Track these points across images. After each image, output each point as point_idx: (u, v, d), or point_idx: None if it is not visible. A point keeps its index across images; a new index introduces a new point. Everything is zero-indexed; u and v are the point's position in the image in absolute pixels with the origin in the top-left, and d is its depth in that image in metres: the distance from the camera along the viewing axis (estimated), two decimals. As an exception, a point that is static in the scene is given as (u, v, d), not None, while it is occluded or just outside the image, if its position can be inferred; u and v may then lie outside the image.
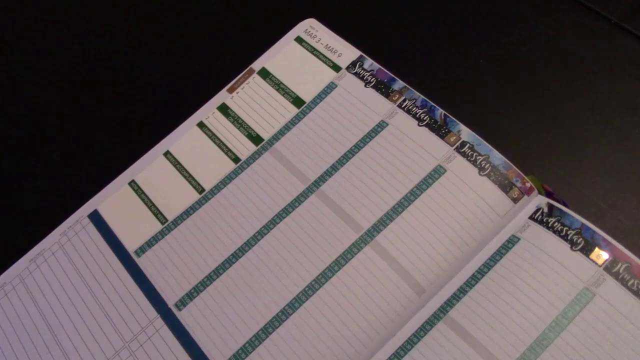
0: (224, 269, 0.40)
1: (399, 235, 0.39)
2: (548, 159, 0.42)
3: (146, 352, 0.39)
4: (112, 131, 0.49)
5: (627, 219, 0.40)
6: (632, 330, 0.34)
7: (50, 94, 0.52)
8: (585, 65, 0.44)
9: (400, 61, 0.45)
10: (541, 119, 0.43)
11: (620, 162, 0.41)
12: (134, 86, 0.51)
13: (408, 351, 0.36)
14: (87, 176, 0.47)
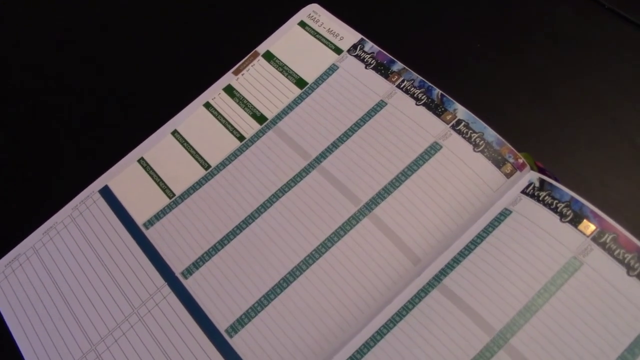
0: (229, 240, 0.42)
1: (396, 207, 0.40)
2: (541, 137, 0.43)
3: (154, 317, 0.41)
4: (122, 111, 0.51)
5: (616, 194, 0.41)
6: (618, 297, 0.36)
7: (64, 77, 0.54)
8: (578, 47, 0.46)
9: (399, 44, 0.47)
10: (535, 100, 0.45)
11: (611, 141, 0.43)
12: (144, 68, 0.53)
13: (403, 317, 0.38)
14: (98, 154, 0.49)
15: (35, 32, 0.57)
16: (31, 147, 0.51)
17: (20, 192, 0.49)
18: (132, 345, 0.40)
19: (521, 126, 0.44)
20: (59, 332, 0.41)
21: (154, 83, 0.51)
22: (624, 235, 0.37)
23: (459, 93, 0.43)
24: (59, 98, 0.53)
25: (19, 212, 0.48)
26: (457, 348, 0.36)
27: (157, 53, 0.53)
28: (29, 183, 0.49)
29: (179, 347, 0.39)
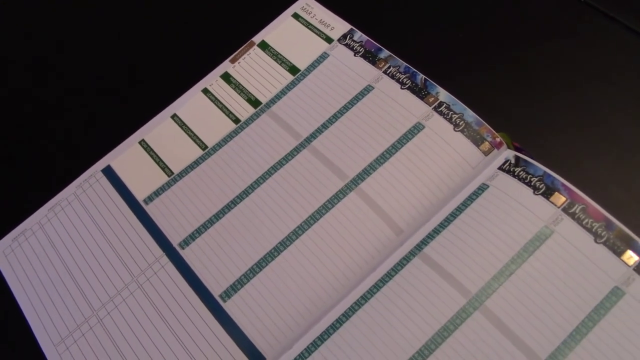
0: (223, 213, 0.45)
1: (380, 182, 0.43)
2: (520, 119, 0.46)
3: (152, 285, 0.43)
4: (125, 96, 0.54)
5: (587, 170, 0.44)
6: (586, 263, 0.38)
7: (69, 64, 0.57)
8: (559, 37, 0.49)
9: (387, 33, 0.49)
10: (515, 85, 0.48)
11: (585, 123, 0.45)
12: (146, 58, 0.55)
13: (386, 282, 0.40)
14: (101, 136, 0.51)
15: (42, 21, 0.60)
16: (37, 130, 0.53)
17: (26, 174, 0.51)
18: (131, 310, 0.42)
19: (501, 109, 0.46)
20: (62, 299, 0.44)
21: (154, 71, 0.54)
22: (592, 206, 0.40)
23: (442, 78, 0.46)
24: (63, 84, 0.56)
25: (25, 191, 0.50)
26: (436, 310, 0.39)
27: (158, 44, 0.56)
28: (34, 165, 0.52)
29: (175, 311, 0.42)
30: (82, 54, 0.57)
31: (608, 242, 0.38)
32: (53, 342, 0.43)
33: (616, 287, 0.37)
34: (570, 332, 0.37)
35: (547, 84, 0.47)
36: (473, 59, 0.49)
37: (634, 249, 0.38)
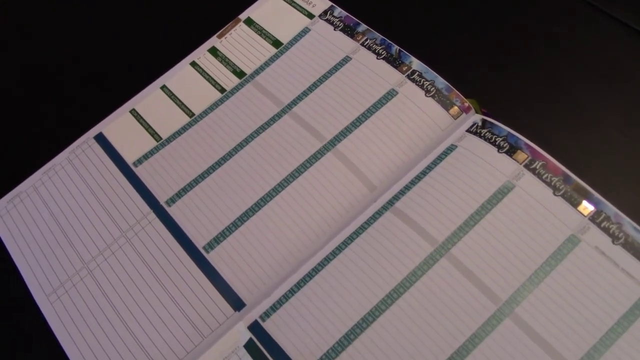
0: (208, 174, 0.47)
1: (356, 144, 0.46)
2: (489, 88, 0.49)
3: (140, 239, 0.46)
4: (117, 69, 0.56)
5: (548, 132, 0.46)
6: (545, 213, 0.41)
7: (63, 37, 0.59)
8: (526, 12, 0.52)
9: (365, 9, 0.52)
10: (486, 56, 0.50)
11: (549, 92, 0.48)
12: (137, 33, 0.58)
13: (359, 234, 0.43)
14: (94, 107, 0.54)
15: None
16: (33, 100, 0.56)
17: (22, 141, 0.54)
18: (120, 262, 0.45)
19: (473, 79, 0.49)
20: (54, 253, 0.46)
21: (146, 47, 0.57)
22: (551, 162, 0.42)
23: (417, 49, 0.49)
24: (59, 57, 0.58)
25: (21, 157, 0.53)
26: (405, 257, 0.41)
27: (150, 22, 0.59)
28: (31, 133, 0.54)
29: (161, 263, 0.44)
30: (76, 28, 0.60)
31: (565, 195, 0.41)
32: (45, 292, 0.45)
33: (572, 235, 0.40)
34: (530, 276, 0.40)
35: (515, 57, 0.50)
36: (447, 32, 0.52)
37: (589, 200, 0.41)
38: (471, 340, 0.38)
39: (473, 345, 0.38)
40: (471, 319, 0.39)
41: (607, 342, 0.37)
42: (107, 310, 0.43)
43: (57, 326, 0.44)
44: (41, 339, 0.44)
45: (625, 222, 0.40)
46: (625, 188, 0.44)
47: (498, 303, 0.39)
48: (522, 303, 0.39)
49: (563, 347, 0.38)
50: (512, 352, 0.38)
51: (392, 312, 0.40)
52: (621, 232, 0.40)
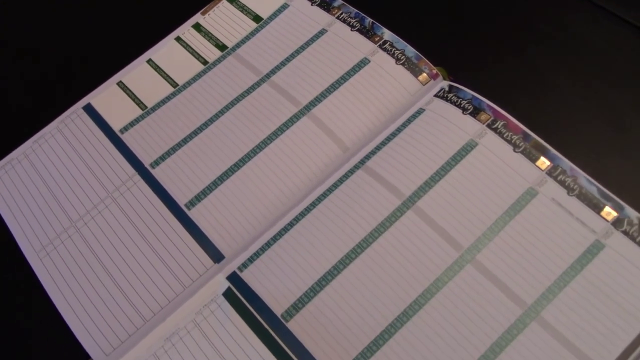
0: (190, 138, 0.50)
1: (330, 108, 0.48)
2: (457, 57, 0.52)
3: (125, 199, 0.48)
4: (104, 44, 0.59)
5: (513, 97, 0.49)
6: (506, 169, 0.44)
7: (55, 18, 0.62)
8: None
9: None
10: (454, 27, 0.53)
11: (513, 61, 0.51)
12: (125, 11, 0.61)
13: (332, 191, 0.46)
14: (83, 80, 0.56)
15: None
16: (24, 75, 0.59)
17: (12, 114, 0.56)
18: (106, 220, 0.47)
19: (442, 49, 0.52)
20: (43, 214, 0.49)
21: (133, 21, 0.60)
22: (512, 122, 0.45)
23: (390, 21, 0.51)
24: (48, 34, 0.61)
25: (11, 128, 0.55)
26: (374, 210, 0.44)
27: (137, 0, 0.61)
28: (19, 104, 0.57)
29: (146, 220, 0.47)
30: (66, 5, 0.62)
31: (525, 151, 0.44)
32: (35, 249, 0.47)
33: (531, 187, 0.43)
34: (490, 225, 0.42)
35: (483, 29, 0.53)
36: (418, 6, 0.55)
37: (546, 156, 0.44)
38: (435, 285, 0.41)
39: (437, 289, 0.41)
40: (435, 266, 0.42)
41: (561, 284, 0.40)
42: (93, 264, 0.46)
43: (46, 280, 0.46)
44: (31, 292, 0.46)
45: (579, 175, 0.43)
46: (580, 144, 0.46)
47: (460, 250, 0.42)
48: (482, 250, 0.42)
49: (520, 289, 0.40)
50: (472, 294, 0.40)
51: (361, 260, 0.42)
52: (576, 185, 0.43)
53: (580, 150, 0.46)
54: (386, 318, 0.40)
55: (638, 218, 0.41)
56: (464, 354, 0.39)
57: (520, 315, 0.39)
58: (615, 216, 0.41)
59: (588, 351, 0.38)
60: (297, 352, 0.40)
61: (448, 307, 0.40)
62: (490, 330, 0.39)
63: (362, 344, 0.40)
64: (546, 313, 0.39)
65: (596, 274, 0.40)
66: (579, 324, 0.39)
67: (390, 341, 0.40)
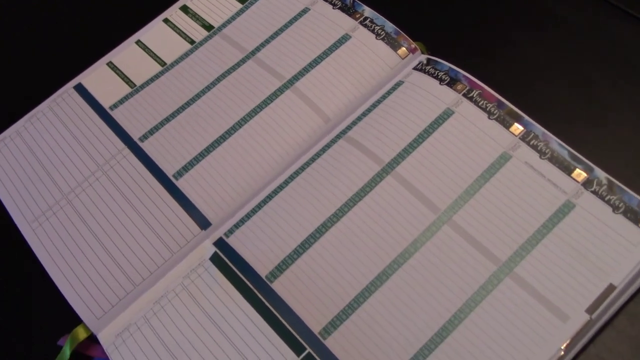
0: (178, 113, 0.51)
1: (313, 82, 0.50)
2: (437, 32, 0.53)
3: (115, 171, 0.50)
4: (95, 26, 0.60)
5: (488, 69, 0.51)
6: (480, 134, 0.45)
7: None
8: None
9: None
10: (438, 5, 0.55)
11: (489, 36, 0.53)
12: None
13: (315, 160, 0.47)
14: (73, 61, 0.58)
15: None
16: (14, 56, 0.60)
17: (5, 95, 0.58)
18: (97, 192, 0.49)
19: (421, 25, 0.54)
20: (36, 187, 0.50)
21: (122, 7, 0.61)
22: (487, 91, 0.47)
23: (370, 0, 0.53)
24: (39, 17, 0.62)
25: (4, 109, 0.57)
26: (354, 176, 0.45)
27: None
28: (12, 83, 0.58)
29: (135, 191, 0.48)
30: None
31: (499, 118, 0.46)
32: (27, 220, 0.49)
33: (505, 152, 0.45)
34: (466, 188, 0.44)
35: (460, 5, 0.55)
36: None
37: (520, 122, 0.45)
38: (413, 245, 0.43)
39: (415, 249, 0.43)
40: (413, 227, 0.43)
41: (533, 241, 0.42)
42: (84, 233, 0.47)
43: (39, 249, 0.47)
44: (25, 262, 0.48)
45: (551, 140, 0.45)
46: (553, 112, 0.48)
47: (437, 212, 0.43)
48: (459, 211, 0.43)
49: (495, 247, 0.42)
50: (449, 253, 0.42)
51: (342, 223, 0.44)
52: (548, 149, 0.44)
53: (553, 118, 0.47)
54: (366, 277, 0.42)
55: (607, 178, 0.43)
56: (441, 308, 0.40)
57: (495, 272, 0.41)
58: (585, 177, 0.43)
59: (559, 303, 0.39)
60: (280, 310, 0.42)
61: (426, 266, 0.42)
62: (466, 286, 0.41)
63: (344, 302, 0.42)
64: (519, 269, 0.41)
65: (567, 231, 0.42)
66: (551, 278, 0.40)
67: (370, 299, 0.41)
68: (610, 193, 0.42)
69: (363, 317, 0.41)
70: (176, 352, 0.42)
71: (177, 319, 0.43)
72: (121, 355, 0.42)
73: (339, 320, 0.41)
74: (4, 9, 0.64)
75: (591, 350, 0.41)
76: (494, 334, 0.39)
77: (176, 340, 0.42)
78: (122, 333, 0.43)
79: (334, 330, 0.41)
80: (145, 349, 0.42)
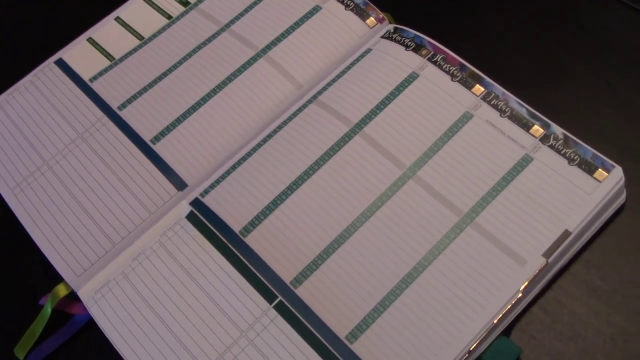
0: (155, 83, 0.53)
1: (285, 51, 0.52)
2: (407, 4, 0.56)
3: (95, 139, 0.51)
4: (76, 4, 0.62)
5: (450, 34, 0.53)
6: (443, 95, 0.48)
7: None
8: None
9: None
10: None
11: (453, 5, 0.55)
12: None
13: (287, 124, 0.49)
14: (54, 37, 0.60)
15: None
16: None
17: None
18: (77, 158, 0.51)
19: None
20: (17, 155, 0.52)
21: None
22: (450, 55, 0.49)
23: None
24: (23, 1, 0.64)
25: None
26: (324, 137, 0.48)
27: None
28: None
29: (114, 155, 0.50)
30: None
31: (461, 80, 0.48)
32: (9, 186, 0.50)
33: (467, 111, 0.47)
34: (430, 146, 0.46)
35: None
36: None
37: (481, 83, 0.48)
38: (380, 199, 0.45)
39: (382, 202, 0.45)
40: (380, 182, 0.45)
41: (493, 193, 0.44)
42: (64, 196, 0.49)
43: (20, 213, 0.49)
44: (7, 226, 0.49)
45: (511, 99, 0.47)
46: (514, 75, 0.50)
47: (403, 168, 0.45)
48: (423, 167, 0.45)
49: (457, 199, 0.44)
50: (413, 206, 0.44)
51: (312, 180, 0.46)
52: (507, 107, 0.47)
53: (514, 81, 0.49)
54: (335, 230, 0.44)
55: (563, 134, 0.45)
56: (407, 257, 0.42)
57: (457, 222, 0.43)
58: (543, 133, 0.45)
59: (517, 249, 0.42)
60: (253, 262, 0.44)
61: (392, 218, 0.44)
62: (430, 235, 0.43)
63: (314, 253, 0.44)
64: (480, 219, 0.43)
65: (525, 183, 0.44)
66: (509, 226, 0.42)
67: (339, 250, 0.43)
68: (566, 147, 0.45)
69: (332, 267, 0.43)
70: (154, 304, 0.44)
71: (154, 273, 0.45)
72: (100, 309, 0.44)
73: (309, 270, 0.43)
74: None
75: (549, 294, 0.43)
76: (456, 279, 0.41)
77: (154, 293, 0.44)
78: (101, 289, 0.45)
79: (304, 280, 0.43)
80: (124, 303, 0.44)
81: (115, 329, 0.43)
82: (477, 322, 0.40)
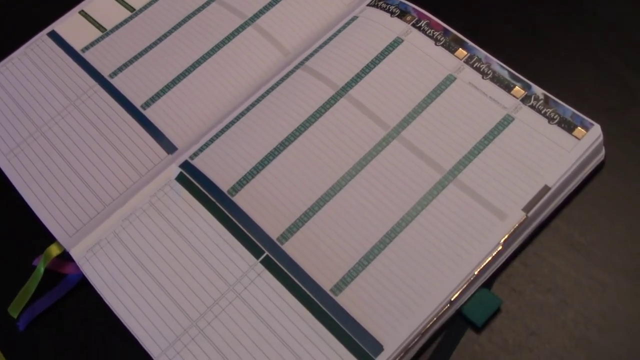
0: (146, 52, 0.54)
1: (273, 19, 0.53)
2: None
3: (87, 105, 0.52)
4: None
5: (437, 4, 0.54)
6: (427, 59, 0.49)
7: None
8: None
9: None
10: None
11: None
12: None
13: (275, 89, 0.50)
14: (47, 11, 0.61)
15: None
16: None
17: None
18: (68, 123, 0.52)
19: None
20: (10, 122, 0.53)
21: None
22: (434, 20, 0.50)
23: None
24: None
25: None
26: (310, 100, 0.49)
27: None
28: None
29: (105, 121, 0.51)
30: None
31: (445, 44, 0.49)
32: (3, 152, 0.51)
33: (450, 74, 0.48)
34: (414, 107, 0.47)
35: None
36: None
37: (464, 47, 0.49)
38: (364, 158, 0.46)
39: (366, 162, 0.46)
40: (365, 142, 0.46)
41: (475, 151, 0.45)
42: (57, 160, 0.50)
43: (14, 177, 0.50)
44: (1, 192, 0.50)
45: (493, 62, 0.48)
46: (496, 40, 0.51)
47: (387, 129, 0.47)
48: (407, 128, 0.46)
49: (439, 158, 0.45)
50: (397, 164, 0.45)
51: (298, 142, 0.47)
52: (489, 70, 0.48)
53: (497, 45, 0.50)
54: (321, 188, 0.45)
55: (543, 94, 0.46)
56: (390, 213, 0.43)
57: (440, 179, 0.44)
58: (524, 93, 0.46)
59: (498, 204, 0.43)
60: (241, 219, 0.45)
61: (376, 176, 0.45)
62: (413, 192, 0.44)
63: (300, 210, 0.45)
64: (462, 176, 0.44)
65: (506, 141, 0.45)
66: (490, 183, 0.43)
67: (325, 207, 0.44)
68: (546, 107, 0.46)
69: (318, 223, 0.44)
70: (144, 261, 0.45)
71: (144, 231, 0.46)
72: (92, 266, 0.45)
73: (295, 227, 0.44)
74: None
75: (530, 248, 0.44)
76: (438, 233, 0.42)
77: (144, 250, 0.45)
78: (92, 247, 0.46)
79: (290, 236, 0.44)
80: (115, 260, 0.45)
81: (107, 285, 0.44)
82: (458, 273, 0.41)
